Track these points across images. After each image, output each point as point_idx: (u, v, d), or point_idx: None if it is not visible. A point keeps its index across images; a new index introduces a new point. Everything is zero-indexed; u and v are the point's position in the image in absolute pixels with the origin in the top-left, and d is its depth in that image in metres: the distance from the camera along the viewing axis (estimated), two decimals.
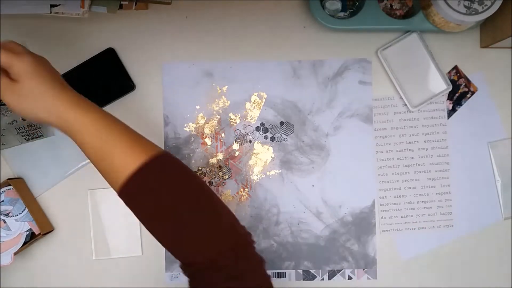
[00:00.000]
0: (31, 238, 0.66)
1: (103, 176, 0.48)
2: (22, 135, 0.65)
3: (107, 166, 0.47)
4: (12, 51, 0.46)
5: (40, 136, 0.66)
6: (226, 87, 0.69)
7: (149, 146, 0.48)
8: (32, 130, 0.65)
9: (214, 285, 0.45)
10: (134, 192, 0.46)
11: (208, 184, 0.68)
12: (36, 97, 0.46)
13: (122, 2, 0.65)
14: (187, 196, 0.46)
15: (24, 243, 0.65)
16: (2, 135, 0.64)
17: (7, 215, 0.65)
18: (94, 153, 0.47)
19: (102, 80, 0.68)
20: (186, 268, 0.47)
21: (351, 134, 0.69)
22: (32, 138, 0.66)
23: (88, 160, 0.55)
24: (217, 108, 0.69)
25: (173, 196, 0.46)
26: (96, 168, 0.48)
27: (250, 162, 0.69)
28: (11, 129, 0.64)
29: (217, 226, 0.47)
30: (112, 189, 0.47)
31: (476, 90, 0.69)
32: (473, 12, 0.60)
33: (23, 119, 0.64)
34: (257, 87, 0.69)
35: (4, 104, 0.62)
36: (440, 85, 0.68)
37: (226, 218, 0.48)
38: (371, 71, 0.69)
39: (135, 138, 0.48)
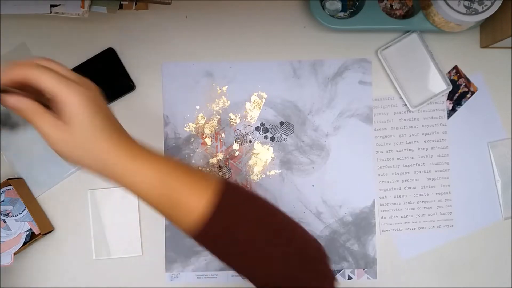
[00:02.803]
0: (31, 238, 0.65)
1: (169, 220, 0.44)
2: None
3: (175, 212, 0.42)
4: (64, 78, 0.37)
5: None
6: (226, 87, 0.69)
7: (208, 179, 0.44)
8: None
9: None
10: (211, 237, 0.43)
11: None
12: (88, 148, 0.38)
13: (122, 2, 0.65)
14: (260, 227, 0.44)
15: (24, 243, 0.65)
16: None
17: (7, 215, 0.65)
18: (160, 203, 0.42)
19: (102, 80, 0.66)
20: None
21: (351, 134, 0.69)
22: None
23: None
24: (217, 108, 0.69)
25: (249, 230, 0.43)
26: (160, 213, 0.43)
27: (250, 162, 0.69)
28: None
29: (288, 248, 0.44)
30: (112, 189, 0.46)
31: (476, 90, 0.69)
32: (473, 12, 0.60)
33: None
34: (257, 87, 0.69)
35: None
36: (440, 85, 0.68)
37: (295, 237, 0.46)
38: (371, 71, 0.69)
39: (196, 175, 0.44)
